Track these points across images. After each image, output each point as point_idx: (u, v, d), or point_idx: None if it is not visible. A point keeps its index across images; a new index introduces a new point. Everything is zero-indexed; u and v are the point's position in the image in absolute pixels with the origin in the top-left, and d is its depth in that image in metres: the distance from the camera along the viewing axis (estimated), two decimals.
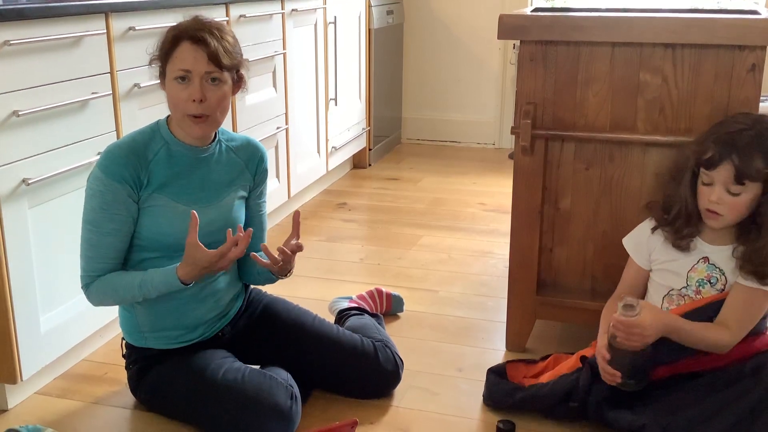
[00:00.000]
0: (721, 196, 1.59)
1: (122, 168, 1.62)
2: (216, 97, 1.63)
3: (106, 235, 1.64)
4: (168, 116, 1.73)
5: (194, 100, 1.61)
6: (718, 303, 1.67)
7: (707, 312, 1.67)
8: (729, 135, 1.59)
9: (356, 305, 2.19)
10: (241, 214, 1.81)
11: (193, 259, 1.60)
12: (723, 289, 1.66)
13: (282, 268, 1.75)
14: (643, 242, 1.77)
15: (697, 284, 1.68)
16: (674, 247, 1.69)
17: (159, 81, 1.68)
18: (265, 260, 1.70)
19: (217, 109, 1.65)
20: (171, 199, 1.68)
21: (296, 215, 1.73)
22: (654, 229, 1.73)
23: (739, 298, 1.65)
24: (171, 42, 1.62)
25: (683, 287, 1.69)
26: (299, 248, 1.71)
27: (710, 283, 1.67)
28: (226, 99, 1.67)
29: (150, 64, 1.68)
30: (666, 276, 1.72)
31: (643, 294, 1.80)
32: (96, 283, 1.67)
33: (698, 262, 1.68)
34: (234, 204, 1.78)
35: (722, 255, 1.66)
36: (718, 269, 1.67)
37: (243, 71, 1.71)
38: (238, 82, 1.71)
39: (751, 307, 1.65)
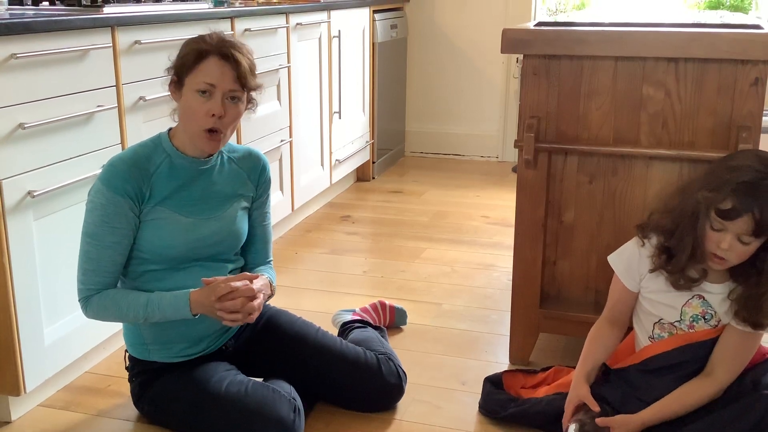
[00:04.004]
0: (733, 244, 1.51)
1: (124, 181, 1.63)
2: (232, 115, 1.65)
3: (106, 248, 1.64)
4: (170, 129, 1.73)
5: (213, 115, 1.61)
6: (712, 340, 1.64)
7: (702, 350, 1.65)
8: (749, 186, 1.49)
9: (359, 318, 2.19)
10: (244, 226, 1.81)
11: (210, 287, 1.63)
12: (717, 325, 1.64)
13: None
14: (633, 266, 1.70)
15: (691, 319, 1.65)
16: (675, 288, 1.63)
17: (170, 91, 1.68)
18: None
19: (230, 126, 1.67)
20: (174, 211, 1.68)
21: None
22: (652, 271, 1.66)
23: (731, 341, 1.62)
24: (198, 55, 1.62)
25: (676, 321, 1.66)
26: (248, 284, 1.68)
27: (704, 318, 1.64)
28: (240, 117, 1.69)
29: (167, 70, 1.68)
30: (657, 306, 1.68)
31: (630, 313, 1.77)
32: (97, 298, 1.66)
33: (693, 297, 1.64)
34: (237, 215, 1.78)
35: (717, 297, 1.62)
36: (712, 307, 1.64)
37: (255, 93, 1.72)
38: (248, 103, 1.73)
39: (744, 351, 1.63)
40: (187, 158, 1.71)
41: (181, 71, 1.64)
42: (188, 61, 1.63)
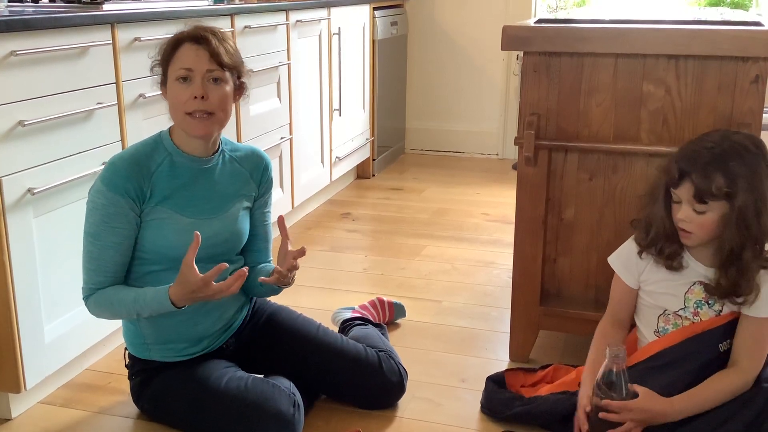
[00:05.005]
0: (688, 214, 1.56)
1: (124, 181, 1.62)
2: (218, 96, 1.63)
3: (108, 248, 1.63)
4: (171, 127, 1.72)
5: (196, 97, 1.60)
6: (719, 329, 1.64)
7: (710, 339, 1.64)
8: (692, 153, 1.56)
9: (359, 315, 2.19)
10: (245, 226, 1.81)
11: (184, 279, 1.56)
12: (721, 311, 1.64)
13: (287, 279, 1.72)
14: (632, 262, 1.72)
15: (695, 306, 1.65)
16: (666, 269, 1.66)
17: (160, 88, 1.69)
18: (271, 278, 1.69)
19: (220, 108, 1.64)
20: (175, 211, 1.67)
21: (280, 220, 1.72)
22: (640, 253, 1.69)
23: (747, 330, 1.62)
24: (173, 45, 1.64)
25: (681, 309, 1.66)
26: (302, 253, 1.68)
27: (708, 304, 1.64)
28: (228, 99, 1.66)
29: (151, 70, 1.69)
30: (660, 297, 1.69)
31: (632, 312, 1.77)
32: (94, 296, 1.66)
33: (694, 284, 1.65)
34: (239, 215, 1.78)
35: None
36: (705, 288, 1.64)
37: (244, 78, 1.72)
38: (240, 89, 1.72)
39: (762, 337, 1.63)
40: (188, 157, 1.70)
41: (162, 65, 1.66)
42: (166, 53, 1.64)
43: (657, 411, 1.57)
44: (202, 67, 1.61)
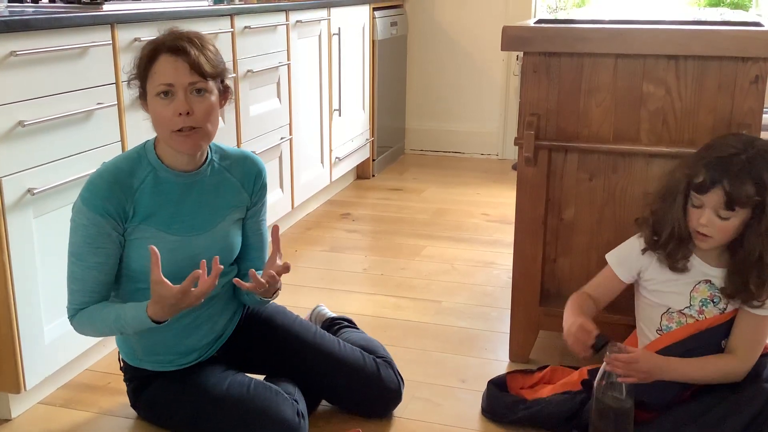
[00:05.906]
0: (711, 219, 1.56)
1: (105, 201, 1.55)
2: (203, 108, 1.54)
3: (91, 268, 1.58)
4: (156, 138, 1.64)
5: (180, 114, 1.51)
6: (722, 326, 1.65)
7: (712, 337, 1.66)
8: (721, 159, 1.55)
9: (345, 317, 2.16)
10: (236, 239, 1.74)
11: (159, 296, 1.49)
12: (725, 309, 1.65)
13: (267, 291, 1.65)
14: (632, 258, 1.72)
15: (701, 304, 1.66)
16: (671, 270, 1.66)
17: (140, 102, 1.60)
18: (247, 284, 1.60)
19: (206, 121, 1.55)
20: (159, 229, 1.60)
21: (275, 231, 1.64)
22: (645, 251, 1.70)
23: (744, 324, 1.64)
24: (149, 57, 1.53)
25: (686, 307, 1.67)
26: (286, 269, 1.60)
27: (713, 302, 1.65)
28: (215, 110, 1.57)
29: (128, 84, 1.60)
30: (665, 296, 1.69)
31: (609, 299, 1.78)
32: (78, 316, 1.62)
33: (699, 282, 1.66)
34: (230, 229, 1.71)
35: (722, 281, 1.64)
36: (719, 290, 1.65)
37: (228, 81, 1.63)
38: (225, 93, 1.63)
39: (758, 333, 1.64)
40: (172, 172, 1.61)
41: (140, 79, 1.57)
42: (142, 66, 1.55)
43: (657, 363, 1.61)
44: (184, 80, 1.51)
